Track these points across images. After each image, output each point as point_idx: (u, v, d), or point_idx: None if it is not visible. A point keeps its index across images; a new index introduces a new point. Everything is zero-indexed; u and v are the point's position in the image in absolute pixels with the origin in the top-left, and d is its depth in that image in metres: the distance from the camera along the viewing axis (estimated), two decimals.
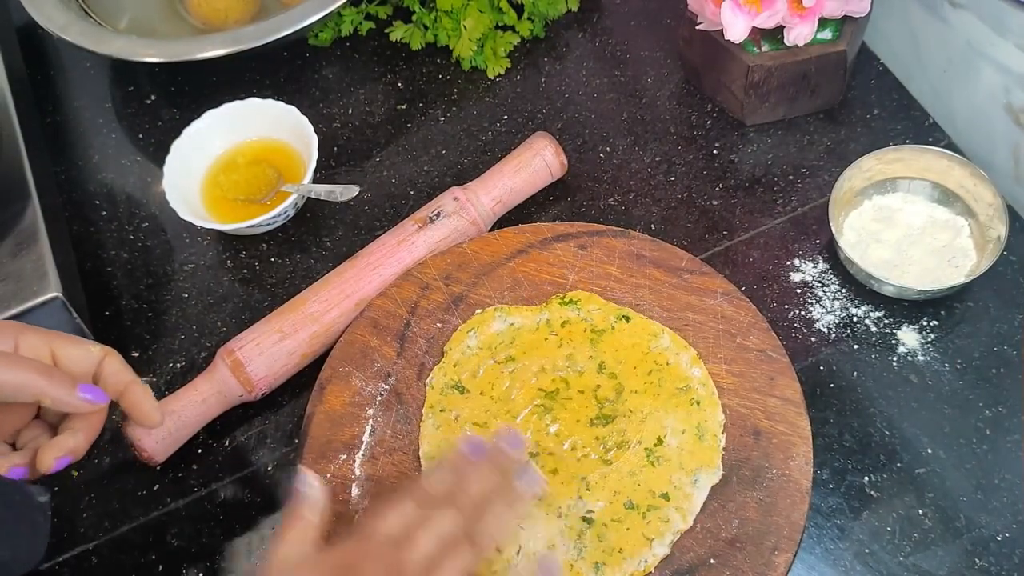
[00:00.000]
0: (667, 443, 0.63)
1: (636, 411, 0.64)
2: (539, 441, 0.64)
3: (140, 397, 0.59)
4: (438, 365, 0.68)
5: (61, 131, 0.90)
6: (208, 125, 0.81)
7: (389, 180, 0.83)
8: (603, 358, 0.67)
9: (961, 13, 0.75)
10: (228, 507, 0.69)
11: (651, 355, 0.66)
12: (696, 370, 0.65)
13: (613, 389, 0.65)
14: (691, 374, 0.65)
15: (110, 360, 0.58)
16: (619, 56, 0.89)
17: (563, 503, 0.61)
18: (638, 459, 0.63)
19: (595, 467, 0.63)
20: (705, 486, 0.62)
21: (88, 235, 0.83)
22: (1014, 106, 0.74)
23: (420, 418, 0.66)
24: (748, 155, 0.81)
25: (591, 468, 0.63)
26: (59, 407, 0.56)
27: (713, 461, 0.62)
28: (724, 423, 0.64)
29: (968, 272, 0.70)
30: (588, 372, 0.66)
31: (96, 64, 0.94)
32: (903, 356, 0.70)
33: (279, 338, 0.70)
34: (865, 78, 0.84)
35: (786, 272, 0.74)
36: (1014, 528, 0.63)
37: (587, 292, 0.70)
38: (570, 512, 0.61)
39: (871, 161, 0.73)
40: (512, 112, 0.86)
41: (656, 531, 0.60)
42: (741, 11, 0.73)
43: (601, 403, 0.65)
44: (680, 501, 0.61)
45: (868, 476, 0.65)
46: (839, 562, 0.62)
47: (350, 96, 0.89)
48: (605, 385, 0.66)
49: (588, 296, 0.69)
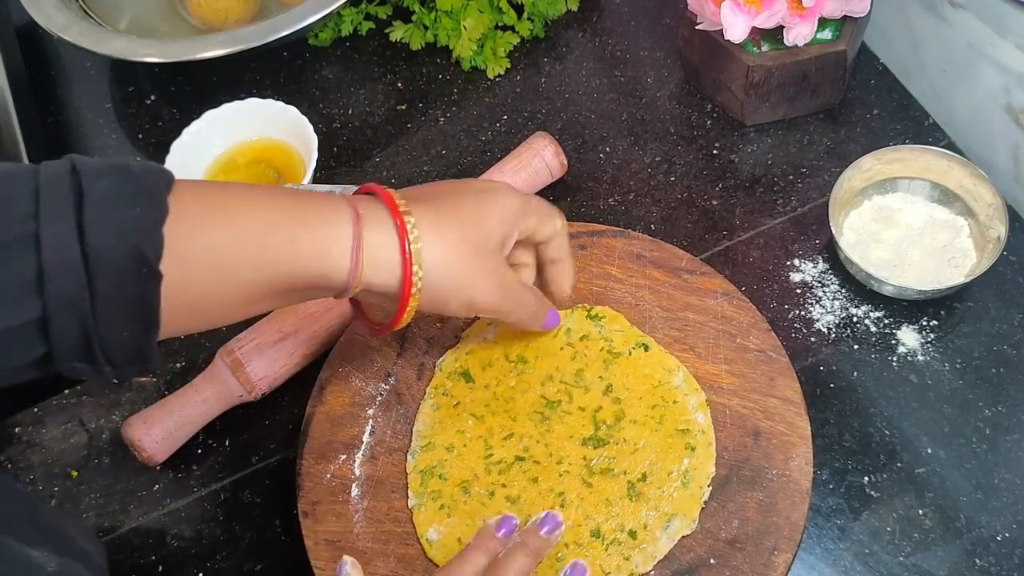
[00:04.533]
0: (650, 481, 0.62)
1: (630, 441, 0.63)
2: (528, 447, 0.64)
3: (562, 274, 0.64)
4: (452, 348, 0.68)
5: (61, 131, 0.90)
6: (208, 125, 0.81)
7: (389, 180, 0.83)
8: (612, 381, 0.66)
9: (961, 13, 0.75)
10: (229, 507, 0.69)
11: (660, 389, 0.65)
12: (700, 416, 0.64)
13: (613, 414, 0.64)
14: (695, 419, 0.64)
15: (562, 237, 0.63)
16: (619, 56, 0.89)
17: (534, 514, 0.60)
18: (619, 489, 0.62)
19: (575, 486, 0.62)
20: (676, 535, 0.60)
21: None
22: (1014, 106, 0.74)
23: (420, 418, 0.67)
24: (748, 155, 0.81)
25: (571, 487, 0.62)
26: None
27: (691, 512, 0.61)
28: (712, 476, 0.62)
29: (968, 272, 0.70)
30: (593, 392, 0.65)
31: (96, 64, 0.94)
32: (903, 356, 0.70)
33: (279, 338, 0.70)
34: (865, 78, 0.84)
35: (786, 272, 0.74)
36: (1014, 528, 0.63)
37: (615, 311, 0.69)
38: None
39: (871, 161, 0.73)
40: (512, 112, 0.86)
41: (613, 566, 0.60)
42: (741, 11, 0.73)
43: (598, 425, 0.64)
44: (646, 543, 0.60)
45: (868, 476, 0.65)
46: (839, 562, 0.62)
47: (350, 96, 0.89)
48: (607, 408, 0.65)
49: (614, 316, 0.68)
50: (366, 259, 0.53)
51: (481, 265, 0.57)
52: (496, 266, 0.58)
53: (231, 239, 0.51)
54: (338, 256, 0.53)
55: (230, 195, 0.53)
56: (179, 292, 0.49)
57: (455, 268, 0.56)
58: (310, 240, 0.52)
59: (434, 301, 0.56)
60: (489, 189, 0.60)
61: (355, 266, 0.53)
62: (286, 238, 0.52)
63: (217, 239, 0.50)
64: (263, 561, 0.66)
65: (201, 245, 0.50)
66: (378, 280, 0.54)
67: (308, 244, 0.52)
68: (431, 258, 0.55)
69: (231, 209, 0.51)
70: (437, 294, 0.56)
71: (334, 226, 0.53)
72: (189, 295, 0.50)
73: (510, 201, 0.59)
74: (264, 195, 0.54)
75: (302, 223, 0.52)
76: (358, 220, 0.53)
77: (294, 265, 0.52)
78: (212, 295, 0.51)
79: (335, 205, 0.54)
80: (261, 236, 0.51)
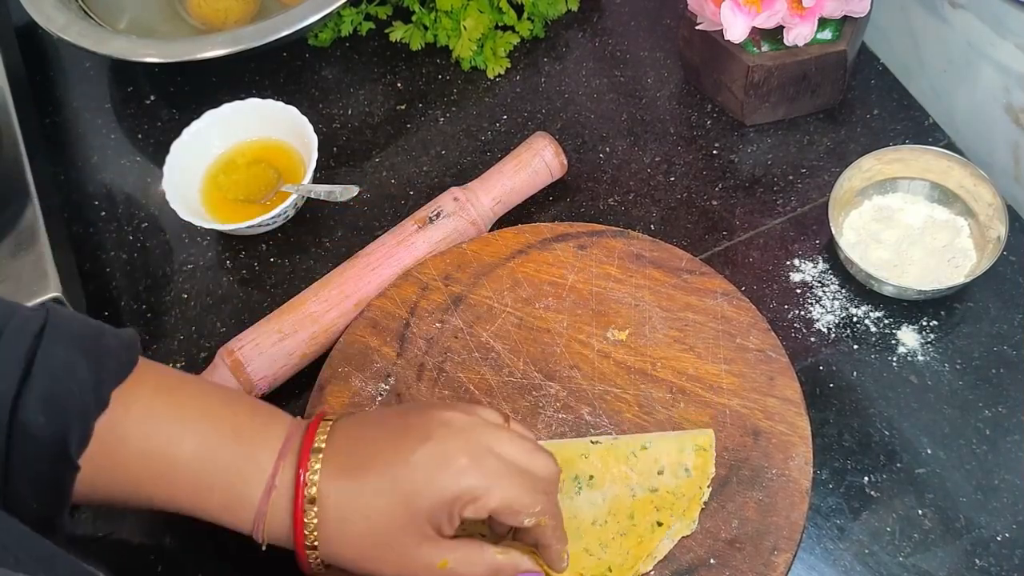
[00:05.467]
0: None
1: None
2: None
3: (550, 559, 0.55)
4: None
5: (61, 131, 0.90)
6: (208, 125, 0.81)
7: (389, 180, 0.83)
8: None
9: (961, 13, 0.75)
10: None
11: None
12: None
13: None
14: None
15: (542, 529, 0.53)
16: (619, 56, 0.89)
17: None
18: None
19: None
20: (676, 535, 0.60)
21: (88, 236, 0.83)
22: (1014, 106, 0.74)
23: None
24: (748, 155, 0.81)
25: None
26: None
27: (691, 512, 0.60)
28: (712, 476, 0.61)
29: (968, 272, 0.70)
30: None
31: (96, 64, 0.94)
32: (903, 356, 0.70)
33: (279, 338, 0.70)
34: (865, 78, 0.84)
35: (786, 272, 0.74)
36: (1014, 529, 0.62)
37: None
38: None
39: (871, 161, 0.73)
40: (512, 112, 0.86)
41: (615, 565, 0.59)
42: (741, 11, 0.73)
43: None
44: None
45: (868, 476, 0.65)
46: (839, 562, 0.62)
47: (350, 96, 0.89)
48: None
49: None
50: (267, 530, 0.52)
51: (392, 546, 0.50)
52: (409, 550, 0.50)
53: (152, 465, 0.51)
54: (244, 517, 0.52)
55: (175, 413, 0.52)
56: (89, 487, 0.49)
57: (358, 551, 0.50)
58: (223, 493, 0.51)
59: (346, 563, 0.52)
60: (440, 464, 0.50)
61: (257, 531, 0.52)
62: (204, 487, 0.51)
63: (139, 461, 0.50)
64: (263, 562, 0.66)
65: (125, 455, 0.50)
66: (281, 544, 0.53)
67: (221, 496, 0.52)
68: (329, 536, 0.51)
69: (165, 435, 0.51)
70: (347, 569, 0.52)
71: (246, 487, 0.52)
72: (97, 494, 0.50)
73: (455, 482, 0.50)
74: (206, 419, 0.52)
75: (226, 471, 0.51)
76: (270, 491, 0.52)
77: (204, 510, 0.52)
78: (120, 498, 0.52)
79: (258, 458, 0.52)
80: (183, 475, 0.51)
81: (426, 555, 0.50)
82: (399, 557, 0.50)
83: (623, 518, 0.60)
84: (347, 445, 0.52)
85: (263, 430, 0.53)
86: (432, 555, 0.50)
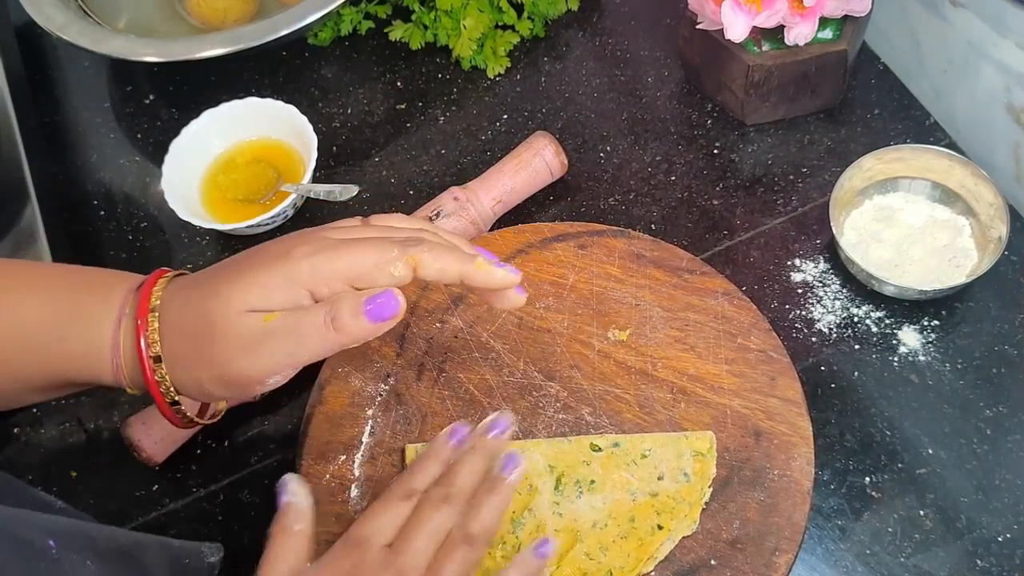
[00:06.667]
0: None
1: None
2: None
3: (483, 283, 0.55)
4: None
5: (60, 131, 0.90)
6: (207, 125, 0.81)
7: (388, 180, 0.83)
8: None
9: (962, 12, 0.75)
10: (227, 508, 0.68)
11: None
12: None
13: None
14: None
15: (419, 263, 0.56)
16: (619, 56, 0.89)
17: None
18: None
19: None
20: (676, 536, 0.60)
21: (87, 235, 0.83)
22: (1015, 106, 0.74)
23: (420, 418, 0.66)
24: (748, 155, 0.81)
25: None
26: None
27: (692, 512, 0.61)
28: (713, 477, 0.62)
29: (969, 272, 0.70)
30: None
31: (95, 64, 0.93)
32: (904, 356, 0.70)
33: None
34: (866, 78, 0.84)
35: (787, 272, 0.74)
36: (1015, 529, 0.62)
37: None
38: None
39: (871, 161, 0.73)
40: (512, 112, 0.86)
41: (616, 566, 0.59)
42: (741, 10, 0.73)
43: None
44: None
45: (869, 477, 0.65)
46: (840, 563, 0.62)
47: (349, 96, 0.89)
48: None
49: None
50: (124, 362, 0.52)
51: (221, 337, 0.49)
52: (235, 328, 0.49)
53: (7, 335, 0.51)
54: (102, 359, 0.52)
55: (6, 284, 0.52)
56: None
57: (196, 355, 0.50)
58: (79, 341, 0.51)
59: (203, 393, 0.52)
60: (281, 251, 0.51)
61: (116, 370, 0.52)
62: (55, 337, 0.51)
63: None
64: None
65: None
66: (137, 382, 0.52)
67: (77, 345, 0.51)
68: (172, 352, 0.51)
69: (3, 303, 0.51)
70: (197, 387, 0.51)
71: (99, 327, 0.52)
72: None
73: (296, 253, 0.50)
74: (45, 283, 0.53)
75: (75, 318, 0.52)
76: (119, 322, 0.52)
77: (65, 366, 0.52)
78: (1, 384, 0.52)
79: (105, 302, 0.52)
80: (33, 334, 0.51)
81: (245, 322, 0.49)
82: (227, 341, 0.49)
83: (623, 521, 0.60)
84: (188, 282, 0.53)
85: (101, 284, 0.54)
86: (250, 321, 0.49)
